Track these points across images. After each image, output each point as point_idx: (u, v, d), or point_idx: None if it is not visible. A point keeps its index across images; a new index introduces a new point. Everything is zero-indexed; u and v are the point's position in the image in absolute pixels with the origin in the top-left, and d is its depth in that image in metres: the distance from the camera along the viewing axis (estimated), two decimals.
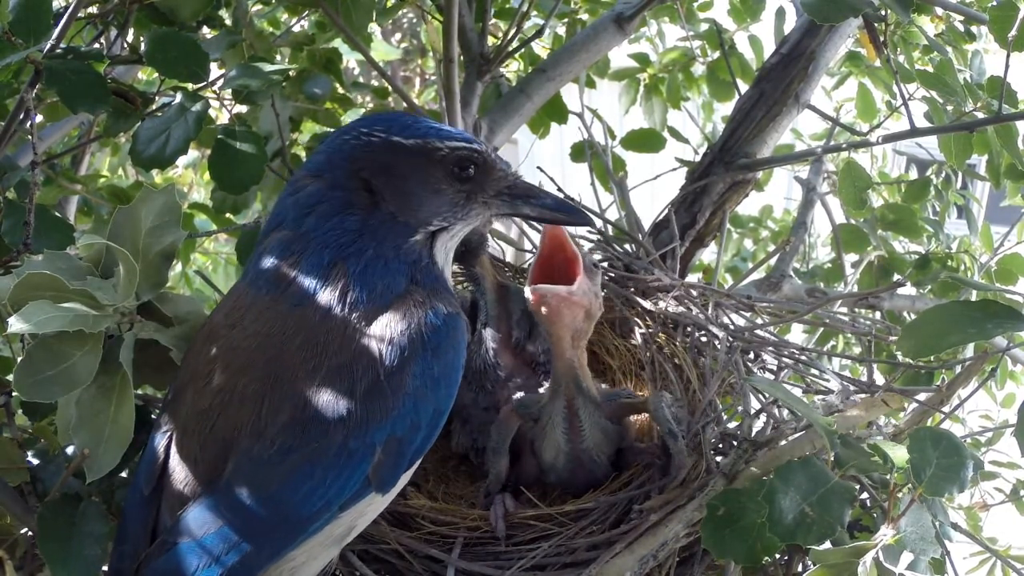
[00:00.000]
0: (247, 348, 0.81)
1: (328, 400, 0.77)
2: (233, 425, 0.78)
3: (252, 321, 0.82)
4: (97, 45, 1.50)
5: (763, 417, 1.10)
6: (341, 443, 0.77)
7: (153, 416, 0.95)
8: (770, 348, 1.24)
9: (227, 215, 1.63)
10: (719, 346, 1.18)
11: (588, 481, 1.11)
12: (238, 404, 0.79)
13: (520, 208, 0.89)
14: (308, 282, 0.82)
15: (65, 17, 1.01)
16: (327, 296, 0.81)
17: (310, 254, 0.82)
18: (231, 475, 0.77)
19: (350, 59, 2.85)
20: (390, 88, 1.87)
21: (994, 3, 1.24)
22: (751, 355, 1.24)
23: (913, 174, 2.61)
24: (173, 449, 0.82)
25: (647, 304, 1.29)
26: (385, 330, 0.80)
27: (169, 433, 0.83)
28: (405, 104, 1.71)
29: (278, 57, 1.76)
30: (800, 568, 0.98)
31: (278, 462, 0.76)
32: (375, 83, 2.25)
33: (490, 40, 1.77)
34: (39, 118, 1.46)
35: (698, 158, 1.74)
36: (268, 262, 0.84)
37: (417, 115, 0.90)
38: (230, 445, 0.78)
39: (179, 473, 0.81)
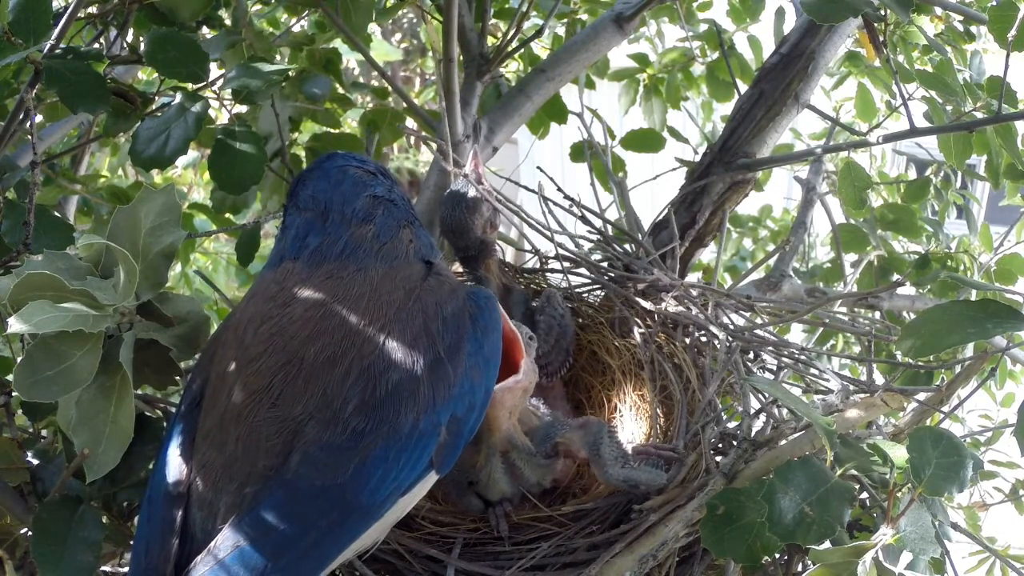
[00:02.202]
0: (312, 317, 0.82)
1: (398, 378, 0.78)
2: (299, 397, 0.77)
3: (315, 289, 0.84)
4: (97, 45, 1.50)
5: (763, 417, 1.10)
6: (413, 423, 0.78)
7: (157, 413, 0.95)
8: (770, 348, 1.24)
9: (227, 215, 1.63)
10: (719, 346, 1.18)
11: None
12: (307, 375, 0.78)
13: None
14: (386, 237, 0.90)
15: (65, 17, 1.01)
16: (396, 255, 0.89)
17: (392, 213, 0.92)
18: (299, 465, 0.75)
19: (350, 59, 2.85)
20: (390, 88, 1.87)
21: (994, 3, 1.24)
22: (751, 355, 1.24)
23: (912, 174, 2.62)
24: (208, 440, 0.80)
25: (647, 304, 1.29)
26: (438, 308, 0.85)
27: (198, 425, 0.81)
28: (405, 104, 1.71)
29: (278, 57, 1.76)
30: (800, 568, 0.98)
31: (350, 447, 0.76)
32: (375, 83, 2.25)
33: (490, 40, 1.77)
34: (39, 118, 1.46)
35: (698, 158, 1.74)
36: (345, 225, 0.90)
37: None
38: (295, 423, 0.76)
39: (215, 464, 0.78)
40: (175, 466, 0.80)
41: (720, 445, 1.10)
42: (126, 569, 0.90)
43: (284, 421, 0.77)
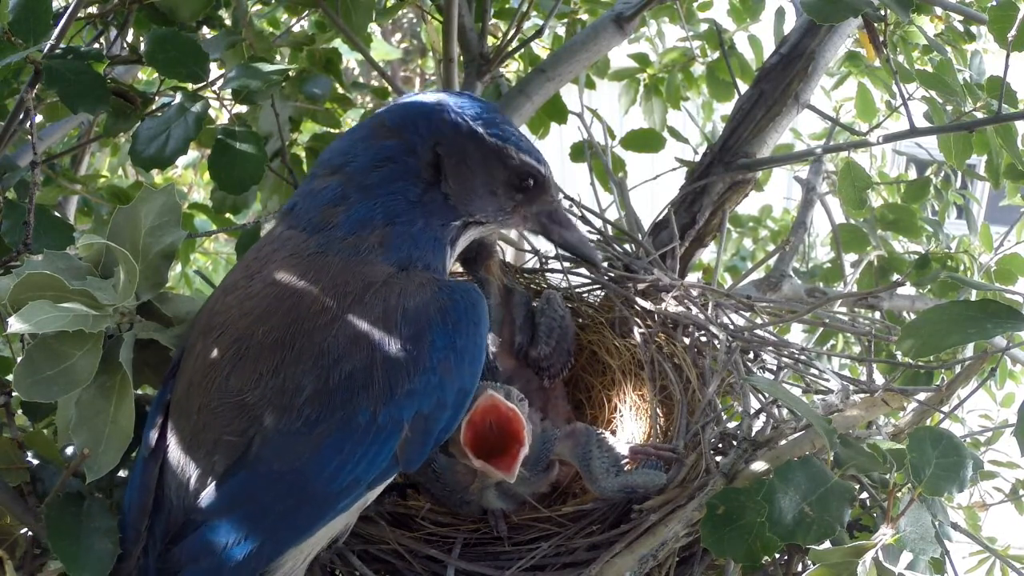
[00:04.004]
0: (267, 295, 0.81)
1: (350, 368, 0.77)
2: (249, 376, 0.78)
3: (276, 266, 0.83)
4: (97, 45, 1.50)
5: (763, 417, 1.10)
6: (370, 418, 0.77)
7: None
8: (770, 348, 1.24)
9: (227, 215, 1.63)
10: (719, 346, 1.18)
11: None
12: (255, 355, 0.78)
13: (550, 231, 0.95)
14: (346, 232, 0.83)
15: (65, 17, 1.01)
16: (358, 251, 0.83)
17: (362, 206, 0.84)
18: (258, 450, 0.76)
19: (350, 59, 2.85)
20: (390, 88, 1.87)
21: (994, 3, 1.24)
22: (751, 355, 1.24)
23: (912, 174, 2.62)
24: (178, 408, 0.82)
25: (647, 304, 1.29)
26: (400, 299, 0.81)
27: (172, 393, 0.84)
28: None
29: (278, 57, 1.76)
30: (800, 568, 0.98)
31: (305, 433, 0.76)
32: (375, 83, 2.25)
33: (490, 40, 1.77)
34: (39, 118, 1.46)
35: (698, 158, 1.74)
36: (318, 200, 0.86)
37: (498, 109, 0.93)
38: (254, 407, 0.77)
39: (184, 431, 0.80)
40: (154, 430, 0.83)
41: (720, 445, 1.10)
42: None
43: (240, 400, 0.78)
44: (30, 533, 0.90)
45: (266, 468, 0.76)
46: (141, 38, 1.42)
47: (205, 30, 1.57)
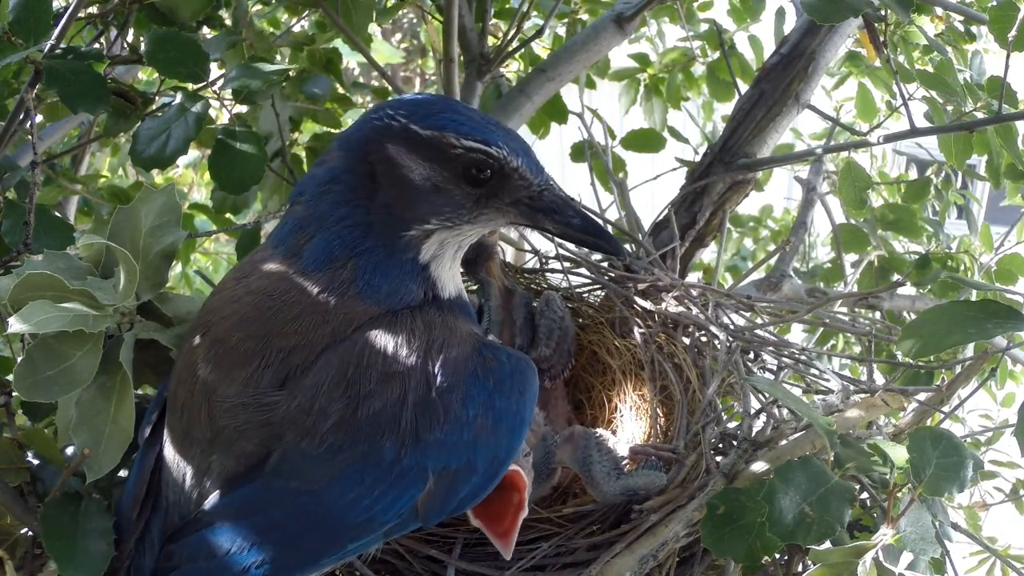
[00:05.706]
0: (248, 303, 0.80)
1: (380, 405, 0.75)
2: (224, 382, 0.77)
3: (260, 277, 0.81)
4: (97, 45, 1.50)
5: (763, 417, 1.10)
6: (395, 457, 0.75)
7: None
8: (770, 348, 1.24)
9: (227, 215, 1.63)
10: (719, 346, 1.18)
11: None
12: (231, 360, 0.77)
13: (541, 222, 0.81)
14: (316, 267, 0.79)
15: (65, 17, 1.01)
16: (332, 283, 0.79)
17: (320, 240, 0.79)
18: (277, 464, 0.75)
19: (350, 59, 2.85)
20: (390, 88, 1.87)
21: (994, 3, 1.24)
22: (751, 355, 1.24)
23: (913, 174, 2.62)
24: (171, 403, 0.82)
25: (647, 304, 1.29)
26: (441, 350, 0.78)
27: (167, 390, 0.84)
28: None
29: (278, 57, 1.76)
30: (800, 568, 0.98)
31: (327, 459, 0.75)
32: (375, 83, 2.25)
33: (490, 40, 1.77)
34: (39, 118, 1.46)
35: (698, 158, 1.74)
36: (286, 227, 0.83)
37: (449, 101, 0.85)
38: (212, 401, 0.76)
39: (175, 429, 0.81)
40: (149, 425, 0.85)
41: (720, 445, 1.10)
42: None
43: (208, 394, 0.77)
44: (30, 533, 0.90)
45: (282, 484, 0.75)
46: (141, 38, 1.42)
47: (205, 30, 1.57)
